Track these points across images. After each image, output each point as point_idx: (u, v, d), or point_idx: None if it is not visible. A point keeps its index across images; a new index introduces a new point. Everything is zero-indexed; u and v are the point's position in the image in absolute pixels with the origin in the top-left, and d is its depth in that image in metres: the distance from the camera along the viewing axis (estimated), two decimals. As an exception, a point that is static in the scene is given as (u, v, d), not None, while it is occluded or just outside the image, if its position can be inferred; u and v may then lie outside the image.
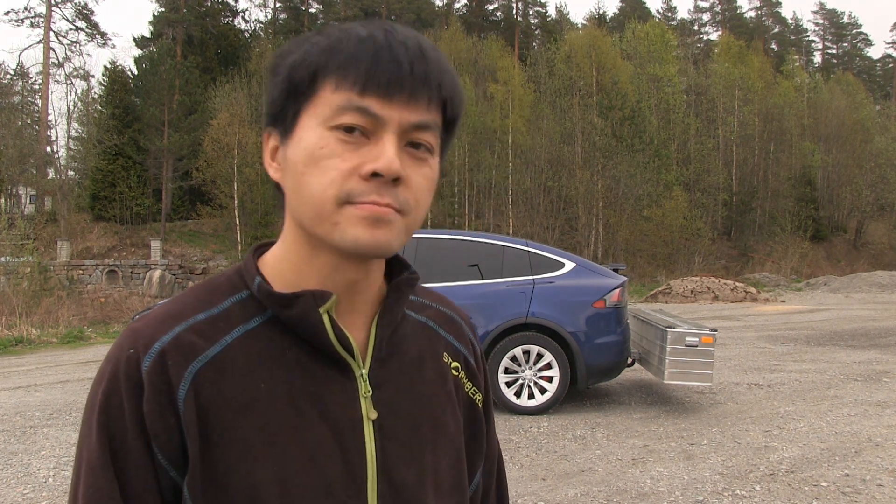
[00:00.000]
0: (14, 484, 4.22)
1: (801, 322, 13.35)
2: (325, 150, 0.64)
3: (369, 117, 0.64)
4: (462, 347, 0.83)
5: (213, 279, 0.74)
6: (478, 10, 51.09)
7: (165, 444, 0.64)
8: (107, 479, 0.64)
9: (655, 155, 32.33)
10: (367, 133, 0.64)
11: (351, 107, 0.63)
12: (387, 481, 0.70)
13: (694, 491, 3.99)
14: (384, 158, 0.63)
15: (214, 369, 0.66)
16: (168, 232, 29.89)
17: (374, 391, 0.71)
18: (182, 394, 0.65)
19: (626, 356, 6.20)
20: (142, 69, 32.70)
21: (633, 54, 37.70)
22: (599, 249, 30.24)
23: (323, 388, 0.69)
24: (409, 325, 0.78)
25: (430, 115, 0.66)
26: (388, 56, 0.63)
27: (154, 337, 0.66)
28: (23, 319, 12.88)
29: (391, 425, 0.72)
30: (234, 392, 0.66)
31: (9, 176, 28.67)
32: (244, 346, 0.68)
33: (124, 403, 0.65)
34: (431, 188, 0.69)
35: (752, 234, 36.60)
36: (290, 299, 0.68)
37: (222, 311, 0.70)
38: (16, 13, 59.46)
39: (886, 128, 42.23)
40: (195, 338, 0.67)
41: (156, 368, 0.65)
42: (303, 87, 0.66)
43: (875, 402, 6.25)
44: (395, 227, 0.65)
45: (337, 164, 0.64)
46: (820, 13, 67.51)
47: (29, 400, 6.66)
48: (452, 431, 0.77)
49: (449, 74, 0.67)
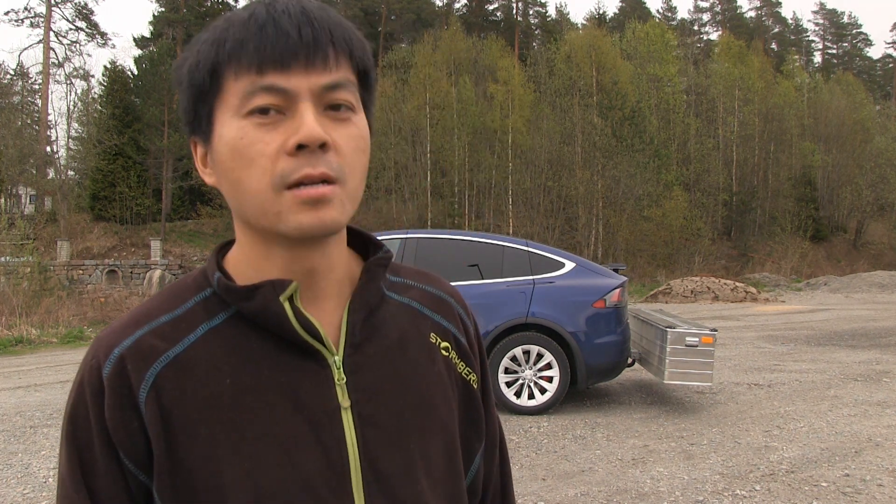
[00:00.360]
0: (14, 484, 4.22)
1: (801, 322, 13.34)
2: (245, 139, 0.63)
3: (277, 93, 0.62)
4: (451, 326, 0.80)
5: (182, 280, 0.73)
6: (478, 10, 51.07)
7: (130, 449, 0.64)
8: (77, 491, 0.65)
9: (655, 155, 32.32)
10: (283, 109, 0.63)
11: (255, 89, 0.62)
12: (372, 470, 0.68)
13: (694, 491, 3.99)
14: (304, 127, 0.61)
15: (176, 369, 0.65)
16: (168, 232, 29.89)
17: (349, 378, 0.69)
18: (143, 396, 0.64)
19: (626, 356, 6.20)
20: (142, 69, 32.70)
21: (633, 54, 37.67)
22: (599, 249, 30.23)
23: (295, 380, 0.67)
24: (390, 307, 0.75)
25: (337, 74, 0.64)
26: (274, 29, 0.62)
27: (113, 344, 0.66)
28: (23, 319, 12.87)
29: (371, 412, 0.69)
30: (198, 390, 0.65)
31: (9, 176, 28.66)
32: (208, 344, 0.67)
33: (89, 413, 0.65)
34: (363, 147, 0.67)
35: (752, 234, 36.59)
36: (250, 291, 0.67)
37: (186, 311, 0.69)
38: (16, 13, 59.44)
39: (886, 128, 42.21)
40: (156, 340, 0.66)
41: (115, 373, 0.65)
42: (206, 87, 0.65)
43: (875, 402, 6.25)
44: (335, 202, 0.64)
45: (262, 150, 0.62)
46: (820, 13, 67.53)
47: (29, 400, 6.66)
48: (443, 415, 0.74)
49: (341, 28, 0.65)
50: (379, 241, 0.77)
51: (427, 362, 0.75)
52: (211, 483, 0.64)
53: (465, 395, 0.79)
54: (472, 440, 0.80)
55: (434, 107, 31.45)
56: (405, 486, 0.69)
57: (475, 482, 0.81)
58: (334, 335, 0.70)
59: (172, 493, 0.64)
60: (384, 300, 0.75)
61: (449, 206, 31.81)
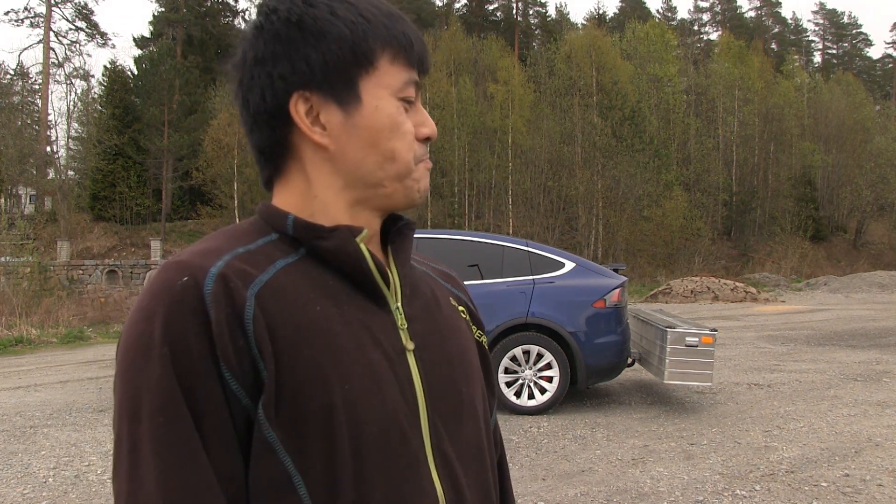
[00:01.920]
0: (14, 484, 4.22)
1: (801, 322, 13.34)
2: (400, 117, 0.73)
3: (417, 89, 0.75)
4: (461, 295, 0.89)
5: (234, 227, 0.73)
6: (478, 10, 51.05)
7: (237, 369, 0.61)
8: (180, 416, 0.59)
9: (655, 155, 32.31)
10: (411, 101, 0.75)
11: (411, 81, 0.74)
12: (434, 411, 0.72)
13: (694, 491, 3.99)
14: (430, 125, 0.76)
15: (271, 293, 0.65)
16: (168, 232, 29.89)
17: (407, 324, 0.73)
18: (249, 314, 0.62)
19: (626, 356, 6.20)
20: (142, 69, 32.70)
21: (633, 54, 37.66)
22: (599, 249, 30.23)
23: (369, 318, 0.70)
24: (417, 272, 0.82)
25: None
26: (419, 38, 0.75)
27: (205, 265, 0.63)
28: (23, 319, 12.87)
29: (428, 357, 0.73)
30: (295, 313, 0.65)
31: (9, 176, 28.66)
32: (290, 276, 0.68)
33: (189, 332, 0.60)
34: None
35: (752, 234, 36.58)
36: (328, 230, 0.70)
37: (258, 247, 0.69)
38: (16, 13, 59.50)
39: (886, 128, 42.17)
40: (245, 265, 0.65)
41: (219, 291, 0.62)
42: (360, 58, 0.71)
43: (875, 402, 6.25)
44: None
45: (409, 129, 0.74)
46: (820, 13, 67.50)
47: (29, 400, 6.66)
48: (475, 366, 0.81)
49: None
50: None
51: (457, 319, 0.83)
52: (318, 404, 0.63)
53: (481, 354, 0.86)
54: (489, 393, 0.87)
55: (434, 107, 31.43)
56: (458, 426, 0.74)
57: (495, 432, 0.88)
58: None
59: (278, 415, 0.62)
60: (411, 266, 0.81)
61: (449, 206, 31.80)
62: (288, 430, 0.62)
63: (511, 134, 31.41)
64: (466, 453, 0.75)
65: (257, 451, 0.62)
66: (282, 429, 0.62)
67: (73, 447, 4.98)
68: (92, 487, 4.13)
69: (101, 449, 4.92)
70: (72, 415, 6.01)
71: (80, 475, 4.36)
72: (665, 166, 33.12)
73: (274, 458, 0.62)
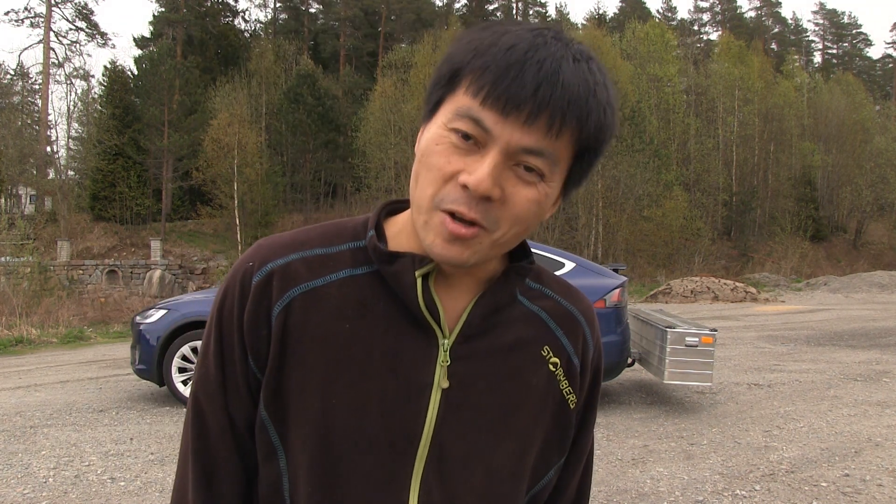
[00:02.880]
0: (14, 484, 4.22)
1: (801, 322, 13.34)
2: (438, 147, 0.67)
3: (481, 129, 0.64)
4: (569, 345, 0.81)
5: (343, 221, 0.79)
6: (478, 10, 51.07)
7: (255, 349, 0.73)
8: (215, 363, 0.75)
9: (655, 155, 32.32)
10: (480, 144, 0.65)
11: (468, 115, 0.64)
12: (438, 447, 0.72)
13: (694, 491, 3.99)
14: (476, 175, 0.64)
15: (309, 299, 0.73)
16: (168, 232, 29.89)
17: (451, 362, 0.73)
18: (276, 311, 0.72)
19: (626, 356, 6.20)
20: (142, 69, 32.72)
21: (633, 54, 37.67)
22: (599, 249, 30.23)
23: (402, 347, 0.72)
24: (516, 311, 0.78)
25: (548, 142, 0.64)
26: (516, 73, 0.63)
27: (270, 258, 0.74)
28: (23, 319, 12.86)
29: (458, 400, 0.73)
30: (320, 324, 0.72)
31: (9, 176, 28.66)
32: (344, 287, 0.73)
33: (234, 306, 0.74)
34: (536, 211, 0.68)
35: (752, 234, 36.59)
36: (393, 257, 0.73)
37: (337, 251, 0.76)
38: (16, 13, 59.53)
39: (886, 128, 42.19)
40: (303, 269, 0.74)
41: (262, 284, 0.73)
42: (444, 81, 0.68)
43: (875, 402, 6.25)
44: (474, 243, 0.67)
45: (442, 165, 0.66)
46: (820, 13, 67.50)
47: (29, 400, 6.66)
48: (525, 422, 0.77)
49: (586, 100, 0.65)
50: (530, 249, 0.81)
51: (529, 372, 0.77)
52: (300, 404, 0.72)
53: (559, 412, 0.80)
54: (552, 453, 0.82)
55: (434, 107, 31.40)
56: (461, 471, 0.74)
57: (543, 491, 0.84)
58: (453, 322, 0.74)
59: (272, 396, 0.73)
60: (514, 304, 0.78)
61: (449, 206, 31.76)
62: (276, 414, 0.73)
63: (511, 134, 31.36)
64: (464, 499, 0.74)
65: (259, 422, 0.75)
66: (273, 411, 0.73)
67: (73, 447, 4.98)
68: (92, 487, 4.13)
69: (101, 449, 4.92)
70: (72, 415, 6.01)
71: (80, 475, 4.35)
72: (665, 166, 33.13)
73: (266, 432, 0.74)
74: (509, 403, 0.76)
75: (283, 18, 48.55)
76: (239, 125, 28.93)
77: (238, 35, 42.24)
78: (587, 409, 0.85)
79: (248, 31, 45.69)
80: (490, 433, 0.75)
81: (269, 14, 48.77)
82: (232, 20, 43.71)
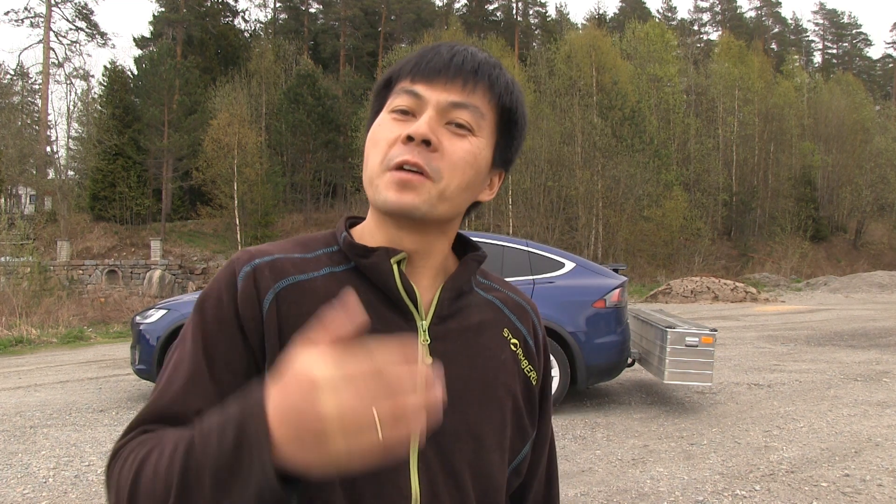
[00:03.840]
0: (14, 484, 4.22)
1: (801, 322, 13.34)
2: (380, 127, 0.79)
3: (414, 98, 0.77)
4: (523, 328, 0.90)
5: (313, 235, 0.87)
6: (478, 10, 51.05)
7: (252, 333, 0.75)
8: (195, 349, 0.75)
9: (655, 155, 32.31)
10: (416, 113, 0.77)
11: (402, 91, 0.78)
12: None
13: (694, 491, 3.99)
14: (415, 125, 0.75)
15: (297, 291, 0.77)
16: (168, 232, 29.88)
17: (431, 342, 0.79)
18: (266, 303, 0.75)
19: (626, 356, 6.20)
20: (142, 69, 32.71)
21: (633, 54, 37.67)
22: (599, 249, 30.23)
23: (386, 331, 0.76)
24: (476, 298, 0.87)
25: (465, 96, 0.77)
26: (434, 53, 0.79)
27: (254, 257, 0.79)
28: (23, 319, 12.87)
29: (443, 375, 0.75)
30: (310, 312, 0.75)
31: (9, 176, 28.64)
32: (327, 281, 0.79)
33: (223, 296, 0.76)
34: (470, 161, 0.78)
35: (752, 234, 36.60)
36: (368, 250, 0.80)
37: (315, 255, 0.82)
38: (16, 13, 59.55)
39: (886, 128, 42.19)
40: (289, 265, 0.79)
41: (249, 278, 0.76)
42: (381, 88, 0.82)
43: (875, 402, 6.25)
44: (421, 191, 0.75)
45: (386, 136, 0.77)
46: (820, 13, 67.48)
47: (29, 400, 6.66)
48: (501, 395, 0.83)
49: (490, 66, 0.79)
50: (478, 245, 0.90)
51: (497, 349, 0.85)
52: None
53: (525, 388, 0.88)
54: (525, 428, 0.88)
55: (434, 107, 31.42)
56: (454, 443, 0.78)
57: (521, 465, 0.90)
58: (426, 305, 0.81)
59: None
60: (472, 292, 0.87)
61: (449, 206, 31.75)
62: None
63: (511, 134, 31.35)
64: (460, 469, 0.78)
65: None
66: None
67: (73, 447, 4.98)
68: (92, 487, 4.13)
69: (101, 449, 4.92)
70: (72, 415, 6.01)
71: (80, 475, 4.35)
72: (665, 166, 33.12)
73: None
74: (487, 376, 0.82)
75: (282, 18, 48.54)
76: (239, 125, 28.92)
77: (238, 35, 42.23)
78: (543, 398, 0.92)
79: (248, 31, 45.70)
80: (476, 405, 0.80)
81: (269, 14, 48.78)
82: (232, 20, 43.72)
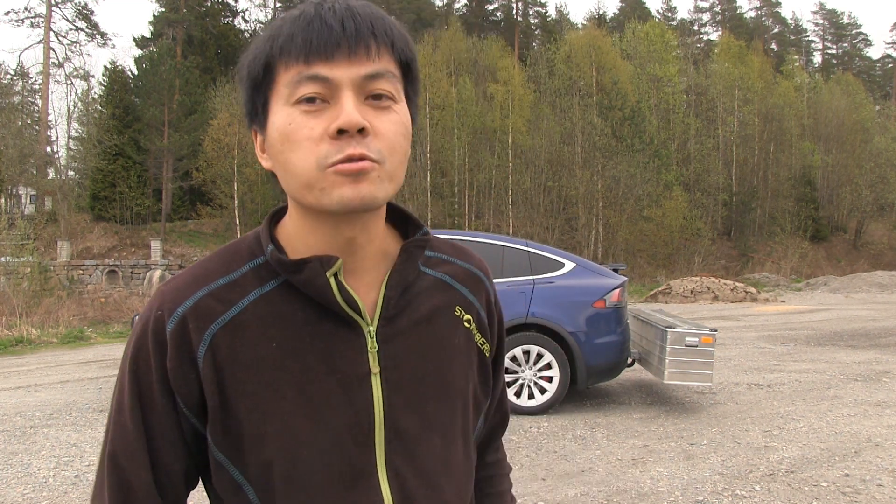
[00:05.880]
0: (14, 484, 4.22)
1: (801, 322, 13.34)
2: (293, 125, 0.69)
3: (321, 82, 0.68)
4: (476, 301, 0.87)
5: (236, 244, 0.81)
6: (478, 10, 51.05)
7: (186, 396, 0.73)
8: (133, 418, 0.73)
9: (655, 155, 32.32)
10: (327, 98, 0.69)
11: (302, 78, 0.68)
12: (393, 429, 0.76)
13: (694, 491, 3.99)
14: (344, 114, 0.67)
15: (230, 332, 0.73)
16: (168, 232, 29.88)
17: (381, 347, 0.76)
18: (201, 353, 0.72)
19: (626, 356, 6.20)
20: (142, 69, 32.66)
21: (633, 54, 37.66)
22: (599, 249, 30.23)
23: (332, 346, 0.75)
24: (424, 282, 0.83)
25: (378, 64, 0.70)
26: (320, 23, 0.68)
27: (178, 301, 0.74)
28: (23, 319, 12.87)
29: (397, 378, 0.77)
30: (247, 351, 0.73)
31: (9, 176, 28.63)
32: (258, 309, 0.74)
33: (151, 359, 0.73)
34: (403, 133, 0.72)
35: (752, 234, 36.58)
36: (300, 265, 0.74)
37: (240, 276, 0.76)
38: (16, 13, 59.52)
39: (886, 128, 42.21)
40: (213, 302, 0.74)
41: (177, 330, 0.72)
42: (260, 79, 0.72)
43: (875, 402, 6.25)
44: (374, 177, 0.69)
45: (308, 134, 0.68)
46: (820, 13, 67.48)
47: (29, 400, 6.66)
48: (460, 383, 0.83)
49: (382, 21, 0.71)
50: (418, 219, 0.84)
51: (450, 335, 0.83)
52: (254, 431, 0.73)
53: (480, 362, 0.87)
54: (481, 399, 0.88)
55: (434, 107, 31.44)
56: (421, 442, 0.78)
57: (480, 435, 0.92)
58: (371, 307, 0.77)
59: (223, 436, 0.73)
60: (419, 276, 0.82)
61: (449, 206, 31.80)
62: (232, 452, 0.74)
63: (511, 134, 31.41)
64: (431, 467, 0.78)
65: (213, 464, 0.75)
66: (228, 450, 0.74)
67: (73, 447, 4.98)
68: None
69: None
70: (72, 415, 6.01)
71: (80, 475, 4.36)
72: (665, 166, 33.13)
73: (226, 471, 0.75)
74: (442, 367, 0.80)
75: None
76: (239, 125, 28.88)
77: (238, 35, 42.19)
78: (497, 353, 0.92)
79: (248, 31, 45.64)
80: (434, 400, 0.79)
81: (269, 14, 48.73)
82: (232, 20, 43.67)
